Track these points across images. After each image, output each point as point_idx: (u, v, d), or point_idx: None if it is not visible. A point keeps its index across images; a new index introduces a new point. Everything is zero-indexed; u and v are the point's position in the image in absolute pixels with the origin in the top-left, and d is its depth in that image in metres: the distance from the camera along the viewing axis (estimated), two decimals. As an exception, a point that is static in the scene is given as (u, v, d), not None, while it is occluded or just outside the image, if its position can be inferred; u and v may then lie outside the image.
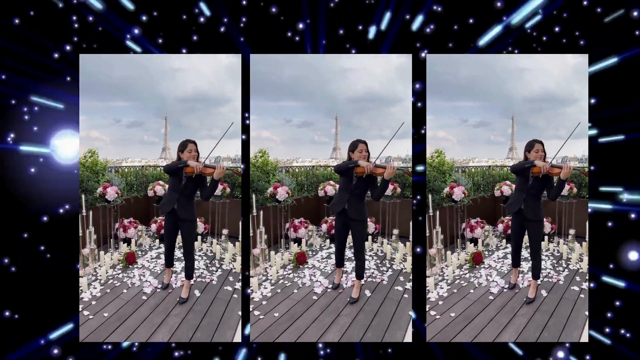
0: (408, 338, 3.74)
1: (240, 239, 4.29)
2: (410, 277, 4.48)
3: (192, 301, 4.23)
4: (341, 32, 3.90)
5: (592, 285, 3.76)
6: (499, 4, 3.81)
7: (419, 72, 3.99)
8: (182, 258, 4.32)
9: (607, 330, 3.73)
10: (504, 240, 5.64)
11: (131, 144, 5.59)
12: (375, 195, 4.11)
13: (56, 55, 3.74)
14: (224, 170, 3.99)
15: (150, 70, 5.03)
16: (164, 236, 4.39)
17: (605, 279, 3.77)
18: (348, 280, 4.60)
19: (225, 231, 5.48)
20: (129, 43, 3.79)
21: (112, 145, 5.57)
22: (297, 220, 5.62)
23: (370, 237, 5.61)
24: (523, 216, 4.16)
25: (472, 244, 5.47)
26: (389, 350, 3.86)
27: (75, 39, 3.78)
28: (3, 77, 3.60)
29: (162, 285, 4.53)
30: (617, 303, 3.74)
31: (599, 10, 3.79)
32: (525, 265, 4.72)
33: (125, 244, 5.58)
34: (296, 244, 5.55)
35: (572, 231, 5.38)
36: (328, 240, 5.72)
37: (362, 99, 4.66)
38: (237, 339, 3.76)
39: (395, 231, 5.48)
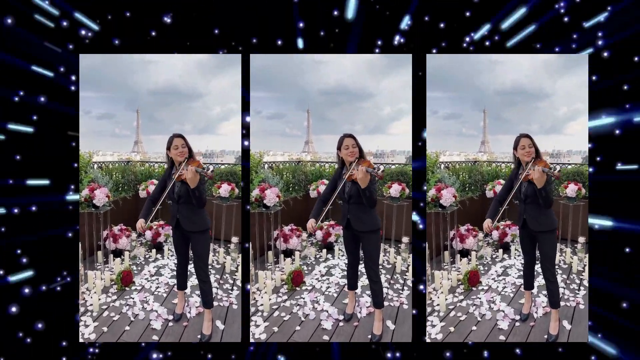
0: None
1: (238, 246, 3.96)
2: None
3: (217, 337, 3.68)
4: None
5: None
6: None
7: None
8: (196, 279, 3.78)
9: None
10: (500, 251, 5.09)
11: (102, 136, 5.47)
12: (365, 203, 3.63)
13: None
14: (195, 175, 3.58)
15: (121, 62, 4.93)
16: (175, 251, 3.91)
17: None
18: (361, 307, 4.06)
19: (235, 239, 4.96)
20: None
21: (82, 137, 5.47)
22: (287, 228, 4.98)
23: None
24: (529, 228, 3.74)
25: (463, 257, 4.78)
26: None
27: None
28: None
29: (174, 317, 3.95)
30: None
31: None
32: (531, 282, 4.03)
33: (116, 257, 4.93)
34: (287, 257, 4.85)
35: (581, 239, 4.89)
36: (325, 251, 5.14)
37: (333, 92, 4.60)
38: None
39: (405, 239, 4.90)
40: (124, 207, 5.38)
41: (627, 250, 3.71)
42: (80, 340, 3.72)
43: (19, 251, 3.67)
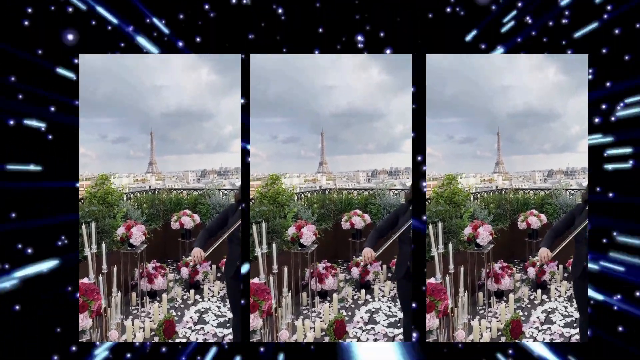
0: None
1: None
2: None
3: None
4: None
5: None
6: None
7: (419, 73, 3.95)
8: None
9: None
10: (539, 291, 4.55)
11: (118, 158, 5.56)
12: None
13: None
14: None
15: (135, 88, 5.02)
16: (232, 309, 3.50)
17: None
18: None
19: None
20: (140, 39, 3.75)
21: (98, 160, 5.56)
22: (321, 266, 4.55)
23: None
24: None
25: (499, 300, 4.32)
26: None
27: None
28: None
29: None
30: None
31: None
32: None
33: (152, 300, 4.46)
34: (322, 299, 4.43)
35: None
36: (363, 291, 4.64)
37: (345, 114, 4.70)
38: None
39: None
40: (155, 240, 4.99)
41: None
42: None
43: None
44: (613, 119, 3.67)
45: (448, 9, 3.84)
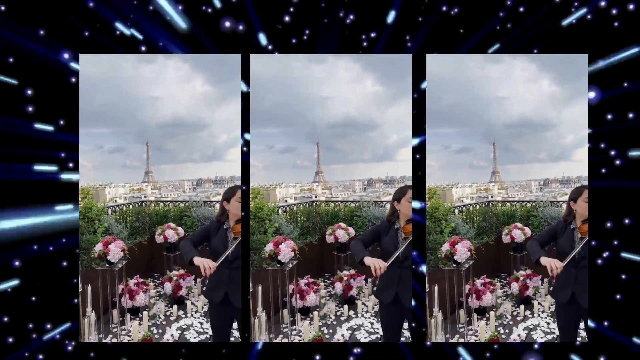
0: None
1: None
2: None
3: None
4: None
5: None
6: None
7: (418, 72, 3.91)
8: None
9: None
10: (522, 307, 4.39)
11: (114, 168, 5.57)
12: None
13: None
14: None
15: (131, 99, 5.04)
16: (213, 334, 3.24)
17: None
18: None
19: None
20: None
21: (94, 170, 5.56)
22: (303, 282, 4.38)
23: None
24: (579, 305, 2.84)
25: (480, 317, 4.18)
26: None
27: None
28: None
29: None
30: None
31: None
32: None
33: (134, 317, 4.28)
34: (304, 316, 4.29)
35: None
36: (346, 307, 4.47)
37: (341, 125, 4.74)
38: None
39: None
40: (140, 254, 4.90)
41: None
42: None
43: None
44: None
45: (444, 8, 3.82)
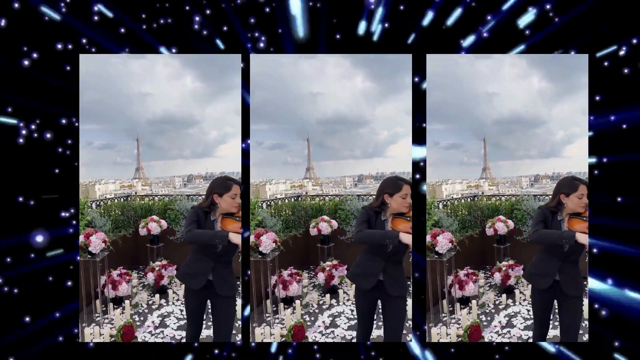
0: None
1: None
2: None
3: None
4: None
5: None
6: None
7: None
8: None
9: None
10: (504, 296, 4.53)
11: (104, 165, 5.55)
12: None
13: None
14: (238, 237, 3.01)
15: (121, 95, 5.02)
16: (187, 319, 3.26)
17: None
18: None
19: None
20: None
21: (84, 167, 5.55)
22: (286, 273, 4.53)
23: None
24: (559, 292, 3.11)
25: (464, 306, 4.27)
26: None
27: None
28: None
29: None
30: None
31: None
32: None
33: (116, 306, 4.46)
34: (287, 306, 4.41)
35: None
36: (328, 296, 4.64)
37: (331, 121, 4.72)
38: None
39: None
40: (124, 247, 5.01)
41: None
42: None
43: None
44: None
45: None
